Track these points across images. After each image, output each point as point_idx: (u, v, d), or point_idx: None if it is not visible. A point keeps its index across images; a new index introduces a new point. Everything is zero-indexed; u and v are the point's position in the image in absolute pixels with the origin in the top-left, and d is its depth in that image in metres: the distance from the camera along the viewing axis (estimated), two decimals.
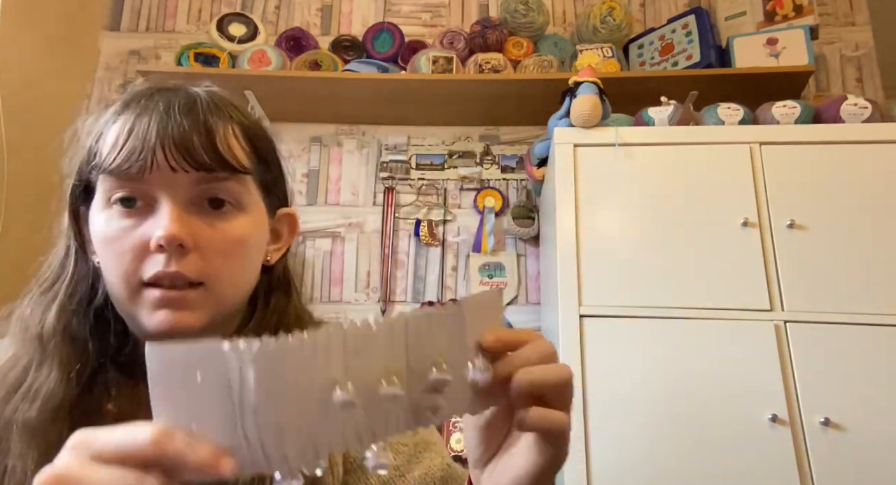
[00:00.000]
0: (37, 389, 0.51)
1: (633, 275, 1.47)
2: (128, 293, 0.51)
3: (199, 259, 0.51)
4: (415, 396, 0.38)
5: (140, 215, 0.51)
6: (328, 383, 0.36)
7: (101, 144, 0.53)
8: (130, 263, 0.50)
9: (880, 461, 1.27)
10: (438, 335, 0.39)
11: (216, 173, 0.52)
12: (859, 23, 2.21)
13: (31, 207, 0.49)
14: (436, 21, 2.34)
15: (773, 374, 1.35)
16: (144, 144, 0.50)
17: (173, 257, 0.50)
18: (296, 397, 0.35)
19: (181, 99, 0.54)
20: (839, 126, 1.57)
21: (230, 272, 0.54)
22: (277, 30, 2.30)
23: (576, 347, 1.40)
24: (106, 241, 0.52)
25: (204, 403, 0.35)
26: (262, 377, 0.34)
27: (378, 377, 0.37)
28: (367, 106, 2.11)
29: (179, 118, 0.52)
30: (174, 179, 0.51)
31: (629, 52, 2.12)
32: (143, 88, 0.56)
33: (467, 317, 0.41)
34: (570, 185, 1.56)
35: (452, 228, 2.12)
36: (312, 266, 2.09)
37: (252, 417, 0.34)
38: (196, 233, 0.51)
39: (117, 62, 2.31)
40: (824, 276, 1.42)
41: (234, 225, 0.54)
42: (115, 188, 0.51)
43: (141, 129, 0.51)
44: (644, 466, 1.32)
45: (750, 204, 1.49)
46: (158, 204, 0.51)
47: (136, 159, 0.50)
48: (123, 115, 0.53)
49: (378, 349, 0.37)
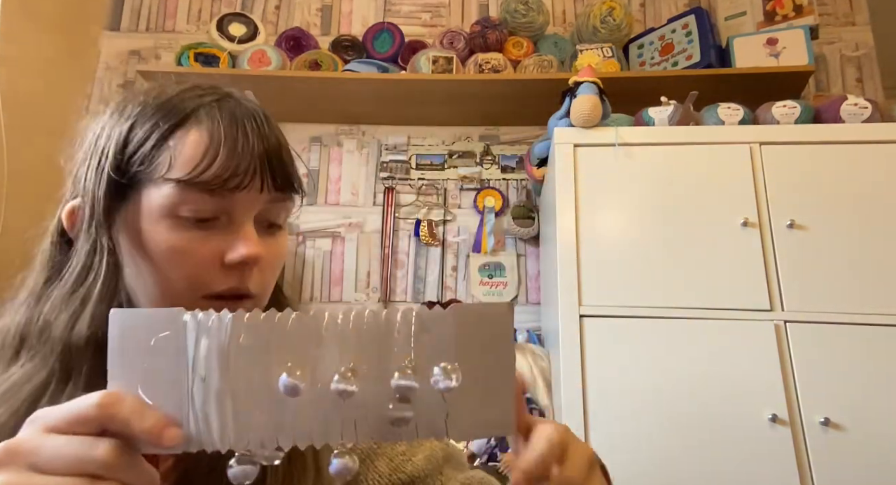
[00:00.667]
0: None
1: (633, 275, 1.47)
2: (184, 302, 0.48)
3: (259, 275, 0.52)
4: (380, 401, 0.35)
5: (210, 228, 0.50)
6: (281, 366, 0.34)
7: (174, 149, 0.50)
8: (201, 275, 0.50)
9: (880, 461, 1.27)
10: (420, 340, 0.36)
11: (287, 193, 0.54)
12: (859, 23, 2.21)
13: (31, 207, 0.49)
14: (436, 21, 2.34)
15: (773, 374, 1.35)
16: (243, 162, 0.50)
17: (248, 275, 0.51)
18: (247, 375, 0.34)
19: (260, 113, 0.53)
20: (839, 126, 1.57)
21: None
22: (277, 30, 2.30)
23: (576, 347, 1.40)
24: (172, 250, 0.50)
25: (157, 369, 0.34)
26: (213, 348, 0.34)
27: (335, 371, 0.35)
28: (367, 106, 2.11)
29: (272, 137, 0.52)
30: (256, 197, 0.51)
31: (629, 52, 2.12)
32: (198, 94, 0.54)
33: (459, 327, 0.36)
34: (570, 185, 1.56)
35: (452, 228, 2.12)
36: (312, 266, 2.09)
37: (201, 386, 0.34)
38: (263, 250, 0.52)
39: (117, 62, 2.31)
40: (824, 276, 1.42)
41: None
42: (193, 200, 0.49)
43: (239, 144, 0.50)
44: (644, 465, 1.32)
45: (750, 204, 1.49)
46: (233, 219, 0.51)
47: (232, 175, 0.49)
48: (201, 122, 0.51)
49: (343, 344, 0.35)
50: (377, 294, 2.06)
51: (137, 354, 0.35)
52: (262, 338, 0.35)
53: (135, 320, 0.35)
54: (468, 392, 0.36)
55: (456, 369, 0.35)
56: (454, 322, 0.36)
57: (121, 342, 0.35)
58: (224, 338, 0.34)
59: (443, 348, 0.36)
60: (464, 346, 0.36)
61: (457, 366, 0.35)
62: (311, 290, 2.06)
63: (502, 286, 2.04)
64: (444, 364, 0.35)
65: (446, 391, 0.35)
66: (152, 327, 0.35)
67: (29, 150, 1.73)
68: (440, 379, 0.35)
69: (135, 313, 0.36)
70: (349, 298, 2.06)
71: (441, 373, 0.35)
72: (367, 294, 2.06)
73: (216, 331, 0.34)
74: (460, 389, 0.36)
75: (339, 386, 0.34)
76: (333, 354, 0.35)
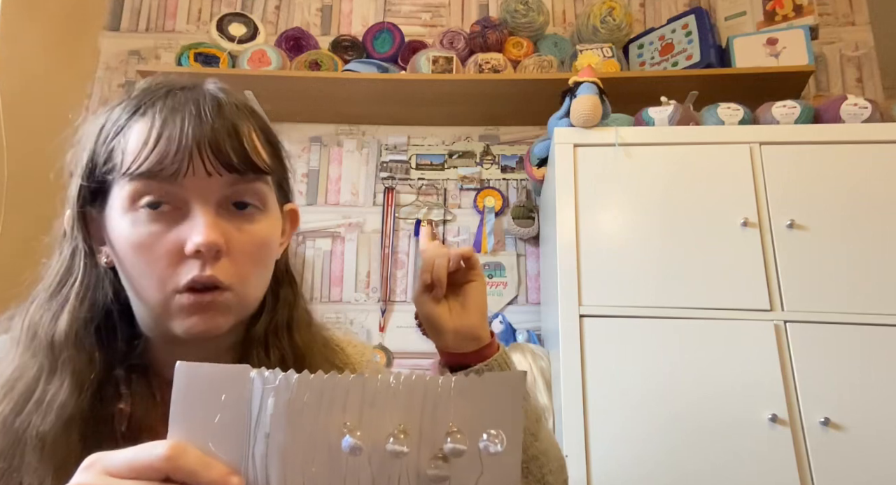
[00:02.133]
0: (49, 401, 0.49)
1: (633, 275, 1.47)
2: (161, 299, 0.50)
3: (230, 263, 0.51)
4: (423, 461, 0.38)
5: (169, 219, 0.50)
6: (341, 426, 0.37)
7: (123, 146, 0.51)
8: (165, 269, 0.50)
9: (880, 461, 1.27)
10: (457, 403, 0.39)
11: (246, 176, 0.52)
12: (859, 23, 2.21)
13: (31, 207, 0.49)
14: (436, 21, 2.34)
15: (773, 374, 1.35)
16: (179, 148, 0.49)
17: (209, 263, 0.50)
18: (308, 431, 0.36)
19: (208, 100, 0.53)
20: (839, 126, 1.57)
21: (256, 273, 0.54)
22: (277, 30, 2.30)
23: (576, 347, 1.40)
24: (135, 246, 0.50)
25: (221, 423, 0.36)
26: (280, 406, 0.36)
27: (389, 432, 0.37)
28: (367, 106, 2.11)
29: (211, 120, 0.51)
30: (207, 182, 0.50)
31: (629, 52, 2.12)
32: (156, 87, 0.55)
33: (489, 391, 0.40)
34: (570, 185, 1.56)
35: (452, 228, 2.12)
36: (312, 266, 2.09)
37: (263, 442, 0.36)
38: (228, 237, 0.51)
39: (117, 62, 2.31)
40: (824, 276, 1.42)
41: (260, 227, 0.54)
42: (143, 192, 0.50)
43: (173, 131, 0.50)
44: (644, 465, 1.32)
45: (750, 204, 1.49)
46: (190, 208, 0.50)
47: (170, 162, 0.49)
48: (146, 116, 0.51)
49: (394, 405, 0.38)
50: (377, 294, 2.06)
51: (202, 408, 0.37)
52: (325, 397, 0.37)
53: (201, 374, 0.37)
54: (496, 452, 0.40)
55: (500, 434, 0.39)
56: (483, 388, 0.40)
57: (186, 394, 0.37)
58: (291, 396, 0.37)
59: (476, 411, 0.39)
60: (490, 408, 0.40)
61: (501, 432, 0.39)
62: (311, 290, 2.06)
63: (502, 286, 2.04)
64: (492, 431, 0.39)
65: (494, 455, 0.39)
66: (219, 383, 0.37)
67: (29, 150, 1.73)
68: (489, 444, 0.39)
69: (201, 368, 0.37)
70: (349, 299, 2.06)
71: (488, 438, 0.39)
72: (367, 294, 2.06)
73: (283, 389, 0.36)
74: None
75: (394, 447, 0.37)
76: (384, 414, 0.38)
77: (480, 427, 0.39)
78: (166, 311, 0.51)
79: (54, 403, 0.49)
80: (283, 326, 0.59)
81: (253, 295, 0.55)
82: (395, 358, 1.98)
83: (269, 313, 0.59)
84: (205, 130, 0.50)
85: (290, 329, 0.59)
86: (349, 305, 2.05)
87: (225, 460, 0.36)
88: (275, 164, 0.57)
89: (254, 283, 0.54)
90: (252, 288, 0.54)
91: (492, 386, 0.40)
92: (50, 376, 0.50)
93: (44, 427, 0.48)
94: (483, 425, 0.39)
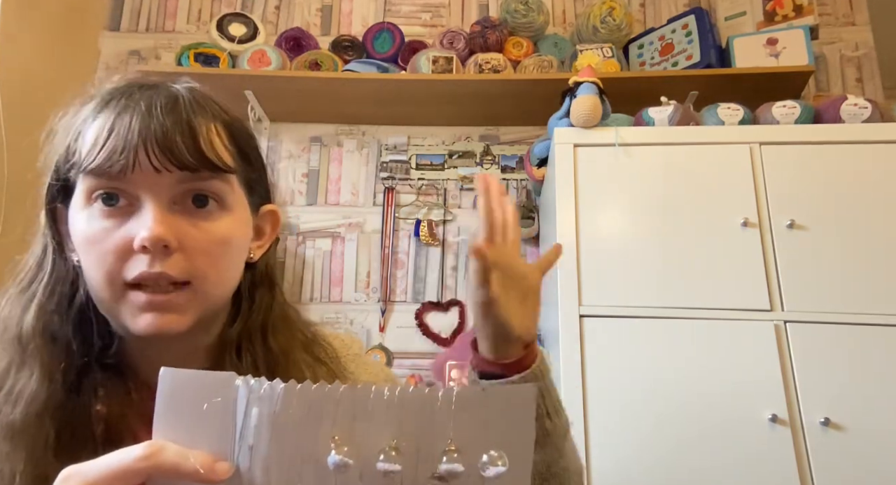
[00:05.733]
0: (19, 391, 0.50)
1: (633, 275, 1.47)
2: (111, 294, 0.50)
3: (184, 259, 0.51)
4: (419, 480, 0.35)
5: (122, 215, 0.51)
6: (328, 440, 0.35)
7: (81, 143, 0.52)
8: (114, 264, 0.50)
9: (880, 461, 1.27)
10: (458, 419, 0.36)
11: (200, 173, 0.52)
12: (859, 23, 2.21)
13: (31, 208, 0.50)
14: (436, 21, 2.34)
15: (773, 374, 1.35)
16: (126, 144, 0.49)
17: (157, 258, 0.49)
18: (294, 445, 0.35)
19: (163, 97, 0.53)
20: (839, 126, 1.57)
21: (216, 271, 0.53)
22: (277, 30, 2.30)
23: (576, 347, 1.40)
24: (87, 241, 0.51)
25: (205, 430, 0.35)
26: (264, 416, 0.35)
27: (380, 448, 0.35)
28: (367, 106, 2.11)
29: (162, 117, 0.51)
30: (157, 179, 0.50)
31: (629, 52, 2.12)
32: (122, 85, 0.55)
33: (494, 407, 0.37)
34: (570, 185, 1.56)
35: (452, 228, 2.12)
36: (312, 266, 2.09)
37: (248, 453, 0.35)
38: (181, 233, 0.51)
39: (117, 62, 2.31)
40: (824, 276, 1.42)
41: (219, 225, 0.53)
42: (96, 187, 0.50)
43: (122, 127, 0.50)
44: (644, 465, 1.32)
45: (750, 204, 1.49)
46: (141, 204, 0.50)
47: (117, 159, 0.49)
48: (103, 114, 0.52)
49: (388, 419, 0.35)
50: (377, 294, 2.06)
51: (186, 416, 0.35)
52: (312, 408, 0.35)
53: (186, 381, 0.36)
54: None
55: (502, 456, 0.36)
56: (488, 403, 0.37)
57: (170, 401, 0.35)
58: (276, 407, 0.35)
59: (479, 428, 0.36)
60: (495, 425, 0.37)
61: (503, 454, 0.36)
62: (311, 290, 2.06)
63: None
64: (493, 452, 0.35)
65: (495, 478, 0.36)
66: (203, 391, 0.35)
67: (29, 150, 1.73)
68: (489, 466, 0.35)
69: (186, 374, 0.36)
70: (349, 299, 2.06)
71: (489, 460, 0.35)
72: (367, 294, 2.06)
73: (268, 399, 0.35)
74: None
75: (384, 465, 0.35)
76: (378, 429, 0.35)
77: (482, 447, 0.36)
78: (118, 307, 0.51)
79: (24, 393, 0.49)
80: (258, 329, 0.58)
81: (215, 292, 0.54)
82: (395, 358, 1.98)
83: (243, 317, 0.58)
84: (152, 125, 0.50)
85: (265, 333, 0.59)
86: (349, 305, 2.05)
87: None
88: (238, 163, 0.56)
89: (213, 280, 0.53)
90: (212, 285, 0.53)
91: (498, 401, 0.36)
92: (20, 368, 0.51)
93: (14, 417, 0.48)
94: (486, 444, 0.36)
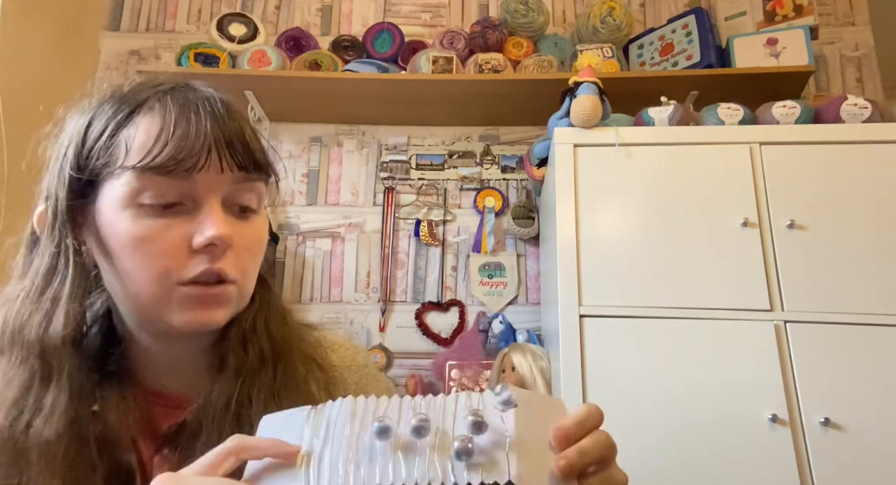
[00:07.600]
0: (51, 405, 0.48)
1: (633, 275, 1.47)
2: (160, 293, 0.50)
3: (235, 257, 0.52)
4: (447, 442, 0.39)
5: (174, 214, 0.50)
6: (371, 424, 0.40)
7: (128, 140, 0.50)
8: (170, 263, 0.50)
9: (880, 461, 1.27)
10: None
11: (251, 174, 0.54)
12: (859, 23, 2.21)
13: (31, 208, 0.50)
14: (436, 21, 2.34)
15: (773, 374, 1.35)
16: (196, 143, 0.50)
17: (217, 256, 0.51)
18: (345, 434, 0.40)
19: (216, 100, 0.54)
20: (839, 126, 1.57)
21: (254, 269, 0.56)
22: (277, 30, 2.30)
23: (576, 347, 1.40)
24: (136, 240, 0.49)
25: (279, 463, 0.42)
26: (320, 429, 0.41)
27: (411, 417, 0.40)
28: (367, 106, 2.11)
29: (227, 120, 0.52)
30: (218, 179, 0.51)
31: (629, 52, 2.12)
32: (152, 84, 0.55)
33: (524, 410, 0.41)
34: (570, 185, 1.56)
35: (452, 228, 2.12)
36: (312, 266, 2.09)
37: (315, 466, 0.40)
38: (234, 233, 0.52)
39: (117, 62, 2.31)
40: (824, 276, 1.42)
41: (257, 224, 0.56)
42: (149, 186, 0.49)
43: (190, 127, 0.50)
44: (644, 465, 1.32)
45: (750, 204, 1.49)
46: (199, 203, 0.51)
47: (187, 157, 0.49)
48: (154, 111, 0.51)
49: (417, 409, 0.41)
50: (377, 294, 2.06)
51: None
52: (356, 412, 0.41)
53: (278, 422, 0.43)
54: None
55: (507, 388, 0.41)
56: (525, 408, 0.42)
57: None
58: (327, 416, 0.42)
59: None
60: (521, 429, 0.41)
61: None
62: (311, 290, 2.06)
63: (502, 286, 2.04)
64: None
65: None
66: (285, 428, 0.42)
67: (29, 150, 1.73)
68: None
69: (279, 415, 0.43)
70: (349, 299, 2.06)
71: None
72: (367, 294, 2.06)
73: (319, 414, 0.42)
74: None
75: (413, 422, 0.38)
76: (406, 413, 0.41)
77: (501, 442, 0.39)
78: (164, 304, 0.50)
79: (56, 409, 0.48)
80: (262, 322, 0.60)
81: (249, 289, 0.56)
82: (395, 358, 1.98)
83: (251, 313, 0.59)
84: (222, 127, 0.52)
85: (268, 325, 0.60)
86: (349, 305, 2.05)
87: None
88: (271, 166, 0.59)
89: (250, 279, 0.55)
90: (249, 283, 0.55)
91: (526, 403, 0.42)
92: (44, 382, 0.49)
93: (49, 434, 0.47)
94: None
